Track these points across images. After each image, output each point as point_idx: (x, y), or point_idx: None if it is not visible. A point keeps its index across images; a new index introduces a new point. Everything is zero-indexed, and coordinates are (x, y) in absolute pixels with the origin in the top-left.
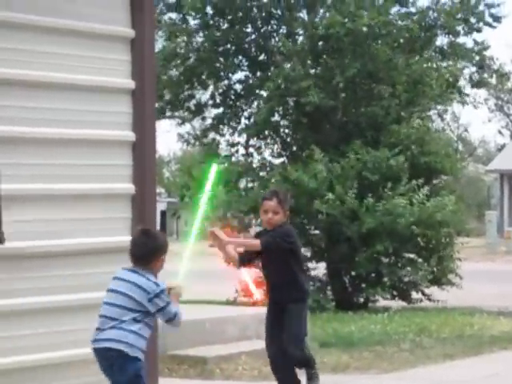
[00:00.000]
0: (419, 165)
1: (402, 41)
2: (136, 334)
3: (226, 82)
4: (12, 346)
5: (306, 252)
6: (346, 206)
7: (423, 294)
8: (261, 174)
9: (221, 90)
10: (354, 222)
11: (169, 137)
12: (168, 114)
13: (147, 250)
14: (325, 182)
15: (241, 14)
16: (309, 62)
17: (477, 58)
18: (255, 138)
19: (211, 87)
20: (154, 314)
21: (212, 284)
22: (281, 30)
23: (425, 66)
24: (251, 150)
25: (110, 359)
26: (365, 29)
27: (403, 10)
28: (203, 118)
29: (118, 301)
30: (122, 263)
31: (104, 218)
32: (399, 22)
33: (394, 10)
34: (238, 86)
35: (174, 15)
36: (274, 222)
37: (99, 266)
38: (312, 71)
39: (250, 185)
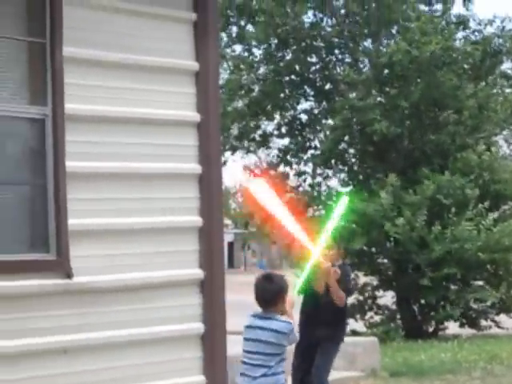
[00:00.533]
0: (489, 192)
1: (466, 67)
2: (282, 373)
3: (291, 112)
4: (77, 382)
5: (373, 281)
6: (415, 233)
7: (492, 321)
8: (328, 202)
9: (286, 121)
10: (422, 249)
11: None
12: (235, 144)
13: (272, 294)
14: (392, 209)
15: (304, 44)
16: (373, 91)
17: None
18: (322, 167)
19: (277, 118)
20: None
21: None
22: (345, 59)
23: (490, 92)
24: (318, 179)
25: None
26: (428, 54)
27: (467, 34)
28: (268, 148)
29: (261, 349)
30: (191, 296)
31: (172, 251)
32: (464, 48)
33: (459, 35)
34: (304, 116)
35: (237, 47)
36: (330, 258)
37: (168, 300)
38: (377, 99)
39: (316, 213)
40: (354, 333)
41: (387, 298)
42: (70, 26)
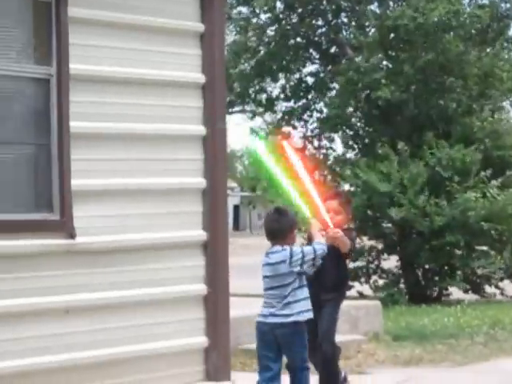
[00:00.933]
0: (492, 158)
1: (473, 32)
2: (303, 300)
3: (296, 75)
4: (80, 342)
5: (378, 244)
6: (418, 208)
7: (496, 287)
8: (333, 167)
9: (292, 84)
10: (425, 218)
11: (240, 130)
12: (239, 107)
13: (281, 226)
14: (398, 187)
15: (311, 7)
16: (379, 55)
17: None
18: (327, 131)
19: (282, 81)
20: (303, 271)
21: None
22: (352, 23)
23: (495, 59)
24: (324, 142)
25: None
26: (435, 20)
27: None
28: (274, 112)
29: (270, 284)
30: (194, 257)
31: (175, 212)
32: (472, 12)
33: (465, 1)
34: (309, 79)
35: (243, 9)
36: (338, 223)
37: (171, 261)
38: (383, 64)
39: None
40: (360, 295)
41: (392, 262)
42: None
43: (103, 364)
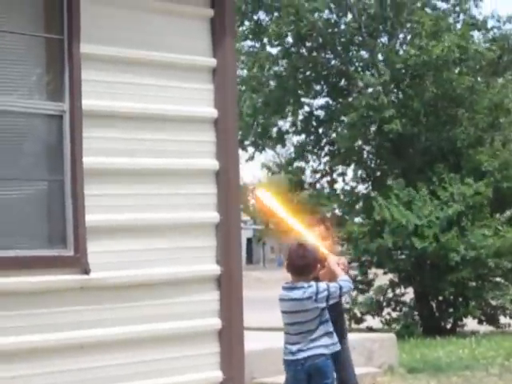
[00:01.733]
0: (502, 190)
1: (483, 63)
2: (327, 334)
3: (307, 108)
4: (94, 377)
5: (394, 278)
6: (439, 243)
7: (511, 317)
8: (345, 200)
9: (302, 117)
10: (440, 251)
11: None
12: (250, 141)
13: (307, 262)
14: (426, 221)
15: (321, 40)
16: (391, 88)
17: None
18: (339, 164)
19: (291, 115)
20: (327, 306)
21: None
22: (361, 55)
23: (505, 90)
24: (335, 176)
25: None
26: (440, 54)
27: (484, 33)
28: (284, 146)
29: (295, 319)
30: (209, 292)
31: (189, 246)
32: (481, 45)
33: (476, 34)
34: (320, 113)
35: (252, 42)
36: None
37: (186, 296)
38: (394, 97)
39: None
40: (370, 329)
41: (408, 295)
42: (87, 22)
43: None
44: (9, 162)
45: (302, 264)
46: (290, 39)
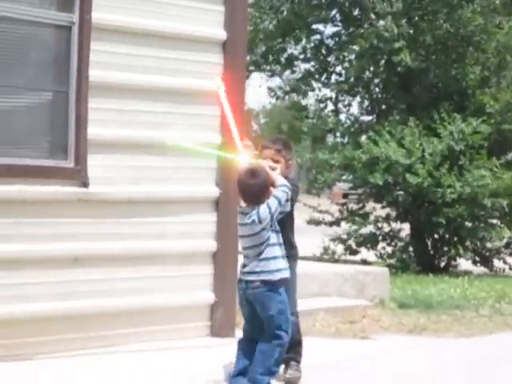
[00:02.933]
0: (503, 132)
1: (497, 2)
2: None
3: (318, 36)
4: (87, 290)
5: (392, 212)
6: (434, 179)
7: (504, 262)
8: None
9: (312, 44)
10: (438, 189)
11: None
12: (262, 67)
13: (259, 189)
14: (418, 159)
15: None
16: (403, 21)
17: None
18: (345, 94)
19: (303, 41)
20: (274, 225)
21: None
22: None
23: None
24: (340, 106)
25: None
26: None
27: None
28: (293, 72)
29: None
30: (206, 214)
31: (190, 167)
32: None
33: None
34: (330, 41)
35: None
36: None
37: (183, 216)
38: (405, 31)
39: (338, 140)
40: (365, 262)
41: (403, 232)
42: None
43: (109, 314)
44: (15, 70)
45: (255, 191)
46: None
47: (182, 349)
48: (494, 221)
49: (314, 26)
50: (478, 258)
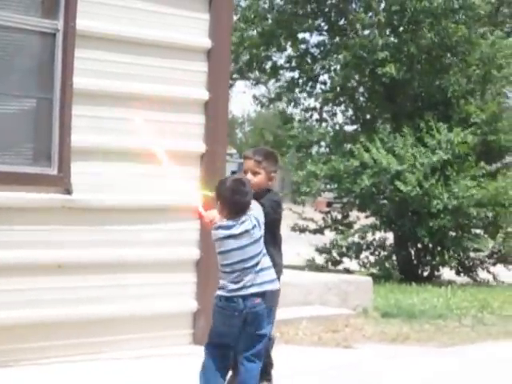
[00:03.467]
0: (489, 142)
1: (482, 13)
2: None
3: (303, 45)
4: (73, 297)
5: (376, 221)
6: (422, 189)
7: (488, 272)
8: (333, 138)
9: (297, 53)
10: (425, 199)
11: (244, 98)
12: (245, 75)
13: (249, 199)
14: (409, 167)
15: None
16: (387, 31)
17: None
18: (330, 104)
19: (288, 50)
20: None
21: None
22: None
23: (499, 43)
24: (324, 115)
25: None
26: (443, 2)
27: None
28: (277, 80)
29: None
30: (188, 220)
31: (173, 174)
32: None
33: None
34: (315, 50)
35: None
36: (256, 184)
37: (166, 223)
38: (390, 40)
39: (323, 150)
40: (348, 271)
41: (386, 241)
42: None
43: (92, 321)
44: None
45: (246, 201)
46: None
47: (165, 356)
48: (478, 231)
49: (300, 35)
50: (461, 268)
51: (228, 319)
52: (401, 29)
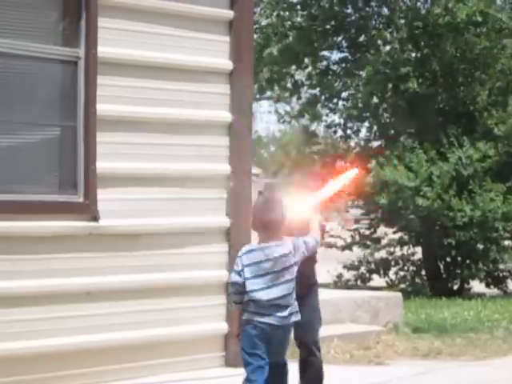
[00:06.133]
0: (511, 154)
1: (503, 25)
2: None
3: (324, 62)
4: (101, 324)
5: (403, 236)
6: (444, 202)
7: None
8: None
9: (318, 70)
10: (449, 213)
11: (269, 117)
12: (268, 93)
13: (277, 217)
14: (425, 181)
15: None
16: (409, 46)
17: None
18: (354, 120)
19: (309, 68)
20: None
21: None
22: (381, 11)
23: None
24: (349, 131)
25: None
26: (467, 18)
27: None
28: (299, 98)
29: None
30: (217, 243)
31: (199, 198)
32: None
33: None
34: (336, 67)
35: None
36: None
37: (194, 246)
38: (412, 55)
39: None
40: (377, 288)
41: (415, 255)
42: None
43: (123, 347)
44: (23, 106)
45: (273, 219)
46: None
47: (197, 380)
48: (506, 242)
49: (320, 53)
50: (490, 280)
51: (265, 336)
52: (422, 43)
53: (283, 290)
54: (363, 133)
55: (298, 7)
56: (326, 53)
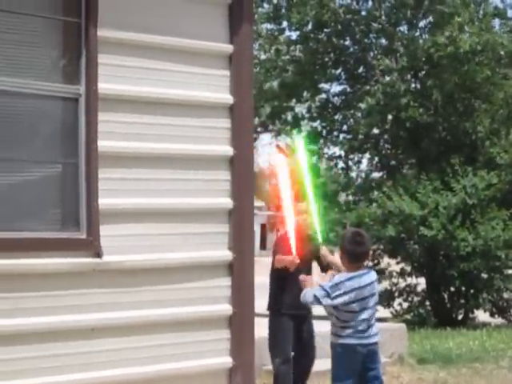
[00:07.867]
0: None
1: (502, 53)
2: None
3: (323, 95)
4: (105, 361)
5: (406, 266)
6: (448, 232)
7: None
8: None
9: (318, 103)
10: (453, 242)
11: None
12: (268, 127)
13: (369, 248)
14: (432, 211)
15: (340, 27)
16: (409, 76)
17: None
18: (355, 152)
19: (309, 100)
20: None
21: None
22: (381, 44)
23: None
24: (350, 163)
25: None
26: (467, 49)
27: (504, 22)
28: (300, 131)
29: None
30: (220, 278)
31: (202, 233)
32: (502, 35)
33: (496, 23)
34: (336, 99)
35: (270, 26)
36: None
37: (197, 281)
38: (412, 86)
39: (350, 198)
40: (381, 319)
41: (418, 286)
42: (104, 6)
43: (128, 383)
44: (24, 143)
45: (367, 250)
46: (309, 25)
47: None
48: (510, 271)
49: (320, 85)
50: (495, 310)
51: (356, 363)
52: (423, 72)
53: (371, 313)
54: (364, 164)
55: (296, 41)
56: (325, 85)
